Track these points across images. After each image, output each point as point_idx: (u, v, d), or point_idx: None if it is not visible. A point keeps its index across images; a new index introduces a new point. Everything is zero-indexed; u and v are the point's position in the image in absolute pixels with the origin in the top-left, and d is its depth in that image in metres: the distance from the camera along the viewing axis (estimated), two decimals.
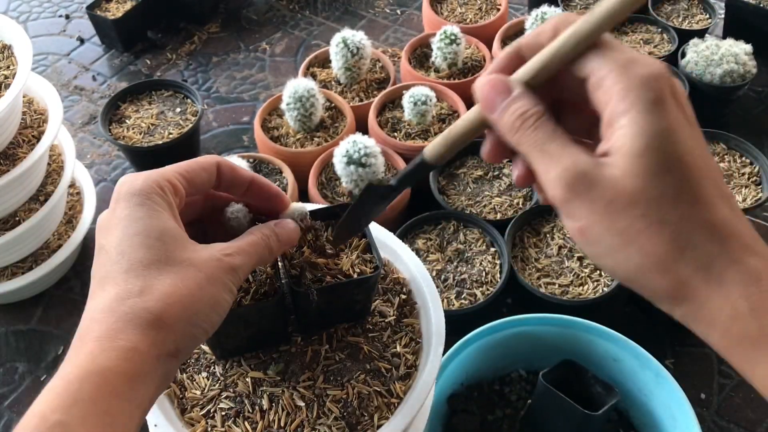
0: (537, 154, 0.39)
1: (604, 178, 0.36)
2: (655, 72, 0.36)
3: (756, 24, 1.70)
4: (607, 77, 0.37)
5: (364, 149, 1.25)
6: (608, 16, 0.37)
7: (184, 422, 0.57)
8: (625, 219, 0.36)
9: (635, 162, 0.35)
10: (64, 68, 1.86)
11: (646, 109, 0.36)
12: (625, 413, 1.06)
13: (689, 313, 0.37)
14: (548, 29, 0.40)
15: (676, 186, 0.35)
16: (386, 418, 0.57)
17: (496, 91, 0.40)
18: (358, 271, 0.59)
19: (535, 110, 0.39)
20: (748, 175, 1.36)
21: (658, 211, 0.35)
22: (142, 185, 0.46)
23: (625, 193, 0.36)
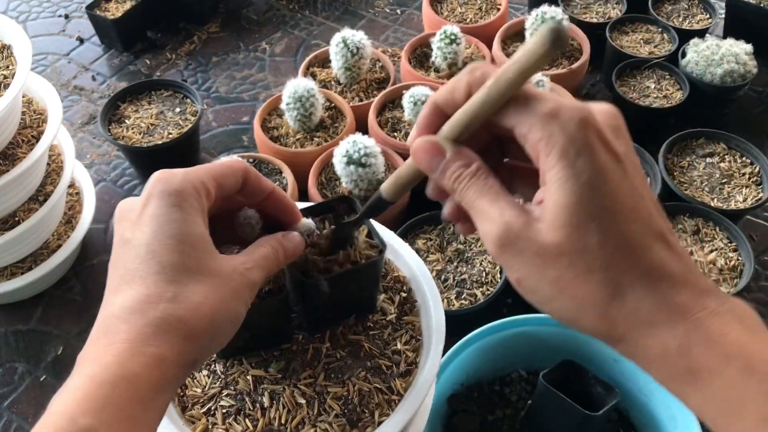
0: (471, 212, 0.41)
1: (529, 231, 0.37)
2: (577, 120, 0.37)
3: (756, 24, 1.70)
4: (530, 132, 0.38)
5: (364, 149, 1.25)
6: (520, 72, 0.38)
7: (185, 420, 0.57)
8: (555, 269, 0.37)
9: (559, 215, 0.36)
10: (64, 68, 1.86)
11: (569, 164, 0.36)
12: (625, 413, 1.06)
13: (625, 352, 0.38)
14: (462, 86, 0.41)
15: (600, 235, 0.36)
16: (387, 415, 0.57)
17: (431, 155, 0.42)
18: (365, 255, 0.59)
19: (468, 170, 0.41)
20: (749, 175, 1.36)
21: (584, 261, 0.36)
22: (179, 186, 0.45)
23: (551, 245, 0.37)
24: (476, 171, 0.41)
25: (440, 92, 0.43)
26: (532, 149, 0.38)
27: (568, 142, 0.36)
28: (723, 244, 1.24)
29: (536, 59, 0.37)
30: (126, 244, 0.45)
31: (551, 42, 0.36)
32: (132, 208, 0.46)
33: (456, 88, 0.41)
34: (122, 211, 0.47)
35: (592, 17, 1.77)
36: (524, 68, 0.38)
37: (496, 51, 1.61)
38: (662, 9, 1.77)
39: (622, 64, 1.58)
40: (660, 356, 0.36)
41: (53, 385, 1.20)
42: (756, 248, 1.37)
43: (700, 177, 1.37)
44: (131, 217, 0.45)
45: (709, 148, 1.42)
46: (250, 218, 0.54)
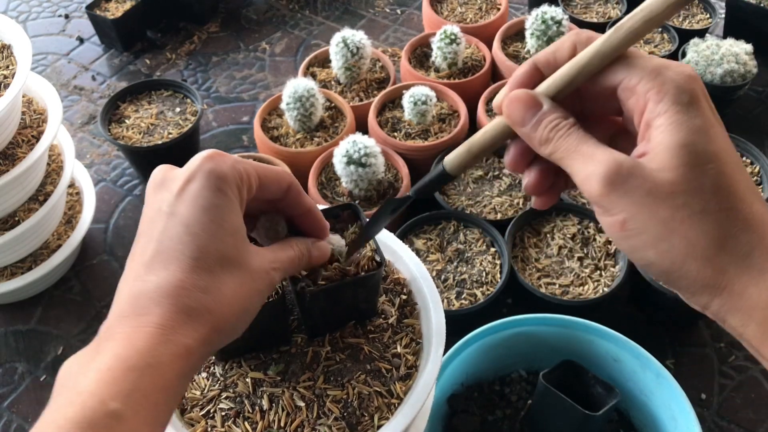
0: (573, 156, 0.40)
1: (642, 169, 0.37)
2: (687, 75, 0.38)
3: (756, 24, 1.70)
4: (639, 84, 0.38)
5: (364, 149, 1.25)
6: (632, 34, 0.38)
7: (184, 422, 0.57)
8: (667, 209, 0.37)
9: (675, 154, 0.37)
10: (64, 68, 1.85)
11: (683, 109, 0.37)
12: (625, 413, 1.06)
13: (727, 304, 0.37)
14: (566, 46, 0.42)
15: (714, 178, 0.36)
16: (386, 419, 0.57)
17: (526, 107, 0.41)
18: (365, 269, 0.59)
19: (567, 121, 0.41)
20: (749, 174, 1.36)
21: (699, 201, 0.36)
22: (229, 170, 0.44)
23: (666, 184, 0.37)
24: (574, 123, 0.41)
25: (541, 53, 0.43)
26: (640, 100, 0.38)
27: (679, 90, 0.37)
28: None
29: (666, 7, 0.37)
30: (164, 216, 0.43)
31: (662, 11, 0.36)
32: (173, 178, 0.45)
33: (559, 48, 0.42)
34: (161, 178, 0.45)
35: (592, 17, 1.77)
36: (651, 16, 0.38)
37: (496, 51, 1.61)
38: None
39: None
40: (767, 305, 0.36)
41: (53, 385, 1.20)
42: None
43: None
44: (172, 188, 0.44)
45: None
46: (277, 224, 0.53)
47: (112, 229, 1.46)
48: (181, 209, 0.43)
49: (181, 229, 0.42)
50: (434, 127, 1.46)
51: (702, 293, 0.38)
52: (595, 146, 0.39)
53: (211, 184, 0.44)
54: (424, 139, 1.44)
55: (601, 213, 0.39)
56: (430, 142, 1.42)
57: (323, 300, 0.57)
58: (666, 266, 0.38)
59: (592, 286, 1.19)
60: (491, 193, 1.36)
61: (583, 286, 1.19)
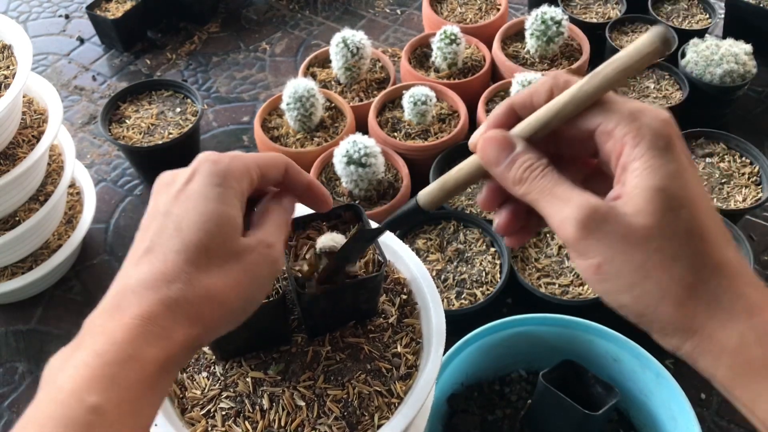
0: (547, 198, 0.40)
1: (617, 213, 0.37)
2: (662, 119, 0.38)
3: (756, 24, 1.70)
4: (616, 129, 0.39)
5: (364, 149, 1.25)
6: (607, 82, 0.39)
7: (185, 422, 0.57)
8: (642, 253, 0.37)
9: (649, 199, 0.37)
10: (64, 68, 1.86)
11: (658, 154, 0.37)
12: (625, 413, 1.06)
13: (698, 346, 0.38)
14: (543, 90, 0.42)
15: (687, 223, 0.37)
16: (387, 418, 0.57)
17: (500, 147, 0.42)
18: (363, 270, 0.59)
19: (540, 162, 0.41)
20: (748, 175, 1.36)
21: (672, 245, 0.37)
22: (226, 167, 0.45)
23: (640, 228, 0.37)
24: (548, 164, 0.41)
25: (518, 95, 0.43)
26: (617, 144, 0.39)
27: (656, 135, 0.38)
28: None
29: (641, 58, 0.37)
30: (158, 217, 0.44)
31: (661, 41, 0.36)
32: (173, 181, 0.46)
33: (536, 92, 0.42)
34: (163, 182, 0.46)
35: (592, 17, 1.77)
36: (625, 66, 0.38)
37: (496, 51, 1.61)
38: (662, 9, 1.77)
39: None
40: (737, 347, 0.36)
41: None
42: (755, 248, 1.38)
43: (699, 177, 1.37)
44: (171, 191, 0.45)
45: (709, 148, 1.42)
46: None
47: (113, 229, 1.46)
48: (176, 209, 0.44)
49: (171, 226, 0.43)
50: (434, 127, 1.46)
51: (674, 336, 0.38)
52: (570, 189, 0.39)
53: (209, 180, 0.45)
54: (424, 139, 1.44)
55: (576, 257, 0.40)
56: (430, 142, 1.42)
57: (324, 301, 0.57)
58: (639, 310, 0.38)
59: None
60: None
61: (583, 286, 1.19)
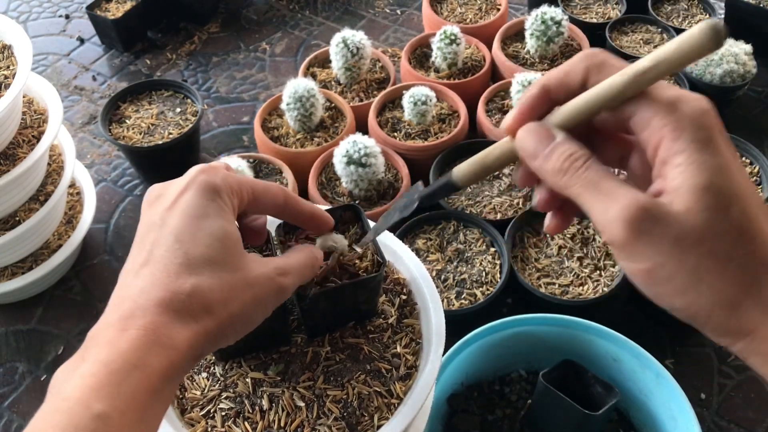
0: (591, 193, 0.38)
1: (668, 215, 0.35)
2: (703, 109, 0.36)
3: (756, 24, 1.70)
4: (654, 117, 0.37)
5: (364, 149, 1.25)
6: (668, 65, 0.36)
7: (184, 422, 0.57)
8: (694, 257, 0.35)
9: (699, 198, 0.35)
10: (64, 68, 1.86)
11: (701, 148, 0.35)
12: (625, 413, 1.06)
13: (749, 347, 0.37)
14: (579, 69, 0.40)
15: (738, 221, 0.35)
16: (386, 419, 0.57)
17: (538, 139, 0.40)
18: (364, 267, 0.59)
19: (583, 152, 0.39)
20: (749, 174, 1.36)
21: (724, 247, 0.35)
22: (221, 181, 0.46)
23: (693, 230, 0.35)
24: (590, 155, 0.38)
25: (551, 75, 0.41)
26: (654, 135, 0.37)
27: (697, 127, 0.36)
28: None
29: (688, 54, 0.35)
30: (155, 228, 0.44)
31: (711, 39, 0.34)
32: (165, 193, 0.46)
33: (571, 71, 0.40)
34: (154, 195, 0.47)
35: (592, 17, 1.77)
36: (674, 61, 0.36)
37: (496, 51, 1.61)
38: (662, 9, 1.77)
39: None
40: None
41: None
42: None
43: None
44: (164, 203, 0.45)
45: None
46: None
47: (113, 229, 1.46)
48: (172, 220, 0.44)
49: (170, 237, 0.43)
50: (434, 128, 1.46)
51: (726, 336, 0.37)
52: (616, 184, 0.37)
53: (202, 193, 0.45)
54: (424, 140, 1.44)
55: (623, 258, 0.37)
56: (430, 142, 1.42)
57: (324, 301, 0.57)
58: (693, 313, 0.37)
59: (592, 286, 1.19)
60: (491, 193, 1.36)
61: (583, 286, 1.19)
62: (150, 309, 0.41)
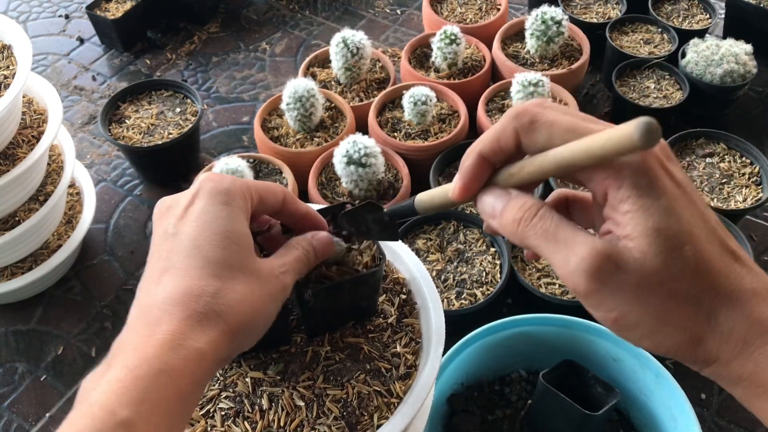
0: (549, 244, 0.38)
1: (627, 260, 0.36)
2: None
3: (756, 24, 1.70)
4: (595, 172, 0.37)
5: (364, 149, 1.25)
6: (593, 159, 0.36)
7: None
8: (657, 300, 0.36)
9: (652, 242, 0.36)
10: (64, 68, 1.86)
11: (644, 193, 0.36)
12: (625, 413, 1.06)
13: (715, 373, 0.39)
14: (508, 134, 0.40)
15: (693, 259, 0.36)
16: (386, 418, 0.57)
17: (494, 197, 0.41)
18: (364, 263, 0.59)
19: (534, 202, 0.39)
20: (748, 175, 1.36)
21: (683, 286, 0.36)
22: (229, 186, 0.46)
23: (652, 274, 0.36)
24: (543, 205, 0.39)
25: (484, 142, 0.41)
26: (599, 186, 0.37)
27: (636, 173, 0.36)
28: None
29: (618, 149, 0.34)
30: (170, 237, 0.45)
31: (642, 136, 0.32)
32: (175, 204, 0.47)
33: (501, 137, 0.40)
34: (165, 206, 0.47)
35: (592, 17, 1.77)
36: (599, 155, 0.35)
37: (496, 51, 1.61)
38: (662, 9, 1.77)
39: (622, 65, 1.58)
40: (752, 373, 0.37)
41: (53, 385, 1.20)
42: (756, 248, 1.38)
43: (699, 177, 1.37)
44: (175, 213, 0.46)
45: (709, 148, 1.42)
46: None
47: (113, 229, 1.46)
48: (185, 228, 0.45)
49: (187, 244, 0.44)
50: (434, 128, 1.46)
51: (693, 365, 0.39)
52: (572, 232, 0.37)
53: (214, 199, 0.46)
54: (424, 140, 1.44)
55: (589, 307, 0.38)
56: (430, 142, 1.42)
57: (324, 298, 0.57)
58: (662, 352, 0.38)
59: None
60: None
61: None
62: (175, 314, 0.41)
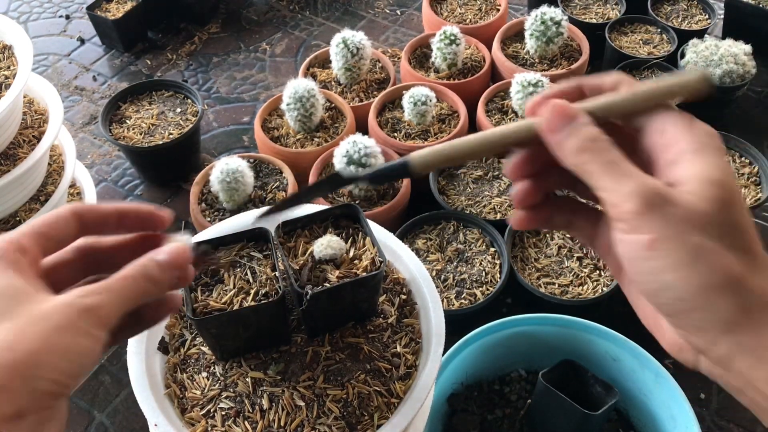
0: (609, 171, 0.39)
1: (680, 197, 0.38)
2: (713, 132, 0.40)
3: (755, 24, 1.71)
4: (672, 127, 0.40)
5: (364, 149, 1.25)
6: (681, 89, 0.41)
7: (185, 422, 0.58)
8: (698, 237, 0.37)
9: (708, 189, 0.37)
10: (65, 68, 1.86)
11: (714, 153, 0.39)
12: (624, 413, 1.06)
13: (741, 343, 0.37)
14: (611, 79, 0.43)
15: (741, 219, 0.38)
16: (386, 418, 0.57)
17: (562, 115, 0.41)
18: (364, 266, 0.60)
19: (607, 137, 0.41)
20: (748, 175, 1.37)
21: (729, 236, 0.37)
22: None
23: (700, 214, 0.37)
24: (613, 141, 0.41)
25: (587, 77, 0.44)
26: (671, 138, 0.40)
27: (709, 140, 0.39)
28: None
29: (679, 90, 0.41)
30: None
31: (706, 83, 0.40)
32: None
33: (605, 79, 0.43)
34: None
35: (592, 18, 1.77)
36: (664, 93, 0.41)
37: (496, 51, 1.61)
38: (661, 9, 1.77)
39: (622, 65, 1.58)
40: None
41: None
42: None
43: None
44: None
45: None
46: None
47: None
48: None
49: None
50: (434, 128, 1.46)
51: (711, 329, 0.38)
52: (635, 168, 0.39)
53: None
54: (424, 140, 1.44)
55: (626, 230, 0.38)
56: (430, 142, 1.42)
57: (324, 300, 0.57)
58: (682, 293, 0.37)
59: (592, 286, 1.19)
60: (491, 193, 1.36)
61: (583, 286, 1.19)
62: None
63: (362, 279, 0.58)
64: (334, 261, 0.60)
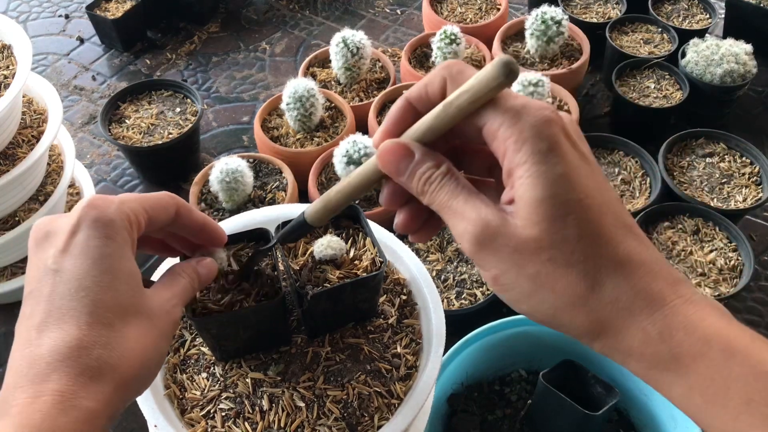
0: (444, 212, 0.40)
1: (507, 228, 0.37)
2: (545, 118, 0.37)
3: (756, 24, 1.70)
4: (499, 129, 0.38)
5: (364, 149, 1.25)
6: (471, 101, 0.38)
7: (184, 423, 0.57)
8: (534, 265, 0.37)
9: (535, 210, 0.36)
10: (64, 68, 1.86)
11: (541, 159, 0.36)
12: (625, 413, 1.06)
13: (606, 346, 0.38)
14: (437, 81, 0.41)
15: (578, 228, 0.36)
16: (386, 419, 0.57)
17: (399, 157, 0.41)
18: (363, 267, 0.59)
19: (439, 171, 0.40)
20: (748, 175, 1.36)
21: (563, 254, 0.37)
22: (115, 215, 0.43)
23: (529, 241, 0.37)
24: (447, 171, 0.40)
25: (413, 88, 0.42)
26: (501, 146, 0.38)
27: (538, 137, 0.37)
28: (723, 244, 1.24)
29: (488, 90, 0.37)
30: (52, 274, 0.41)
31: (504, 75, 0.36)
32: (56, 231, 0.42)
33: (430, 83, 0.41)
34: (41, 233, 0.43)
35: (592, 17, 1.77)
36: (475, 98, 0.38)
37: (496, 51, 1.61)
38: (662, 9, 1.77)
39: (622, 64, 1.58)
40: (641, 344, 0.36)
41: None
42: (756, 248, 1.37)
43: (699, 177, 1.37)
44: (56, 243, 0.42)
45: (709, 148, 1.42)
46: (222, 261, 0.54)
47: None
48: (68, 264, 0.41)
49: (72, 284, 0.40)
50: None
51: (582, 338, 0.39)
52: (464, 201, 0.39)
53: (99, 232, 0.42)
54: None
55: (477, 266, 0.40)
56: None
57: (325, 300, 0.57)
58: (541, 318, 0.39)
59: None
60: None
61: None
62: (64, 371, 0.38)
63: (362, 279, 0.58)
64: (335, 261, 0.60)
